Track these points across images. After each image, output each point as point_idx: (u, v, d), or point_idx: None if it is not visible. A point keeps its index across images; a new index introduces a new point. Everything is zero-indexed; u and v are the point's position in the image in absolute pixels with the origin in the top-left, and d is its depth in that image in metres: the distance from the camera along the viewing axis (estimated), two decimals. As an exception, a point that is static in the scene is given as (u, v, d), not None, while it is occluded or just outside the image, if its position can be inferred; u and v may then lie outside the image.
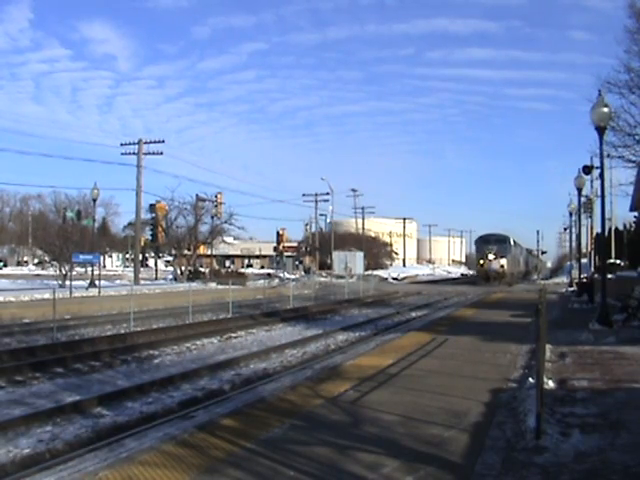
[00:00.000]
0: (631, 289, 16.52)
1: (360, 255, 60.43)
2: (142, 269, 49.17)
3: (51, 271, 38.99)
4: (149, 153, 39.12)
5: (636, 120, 20.10)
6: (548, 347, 9.97)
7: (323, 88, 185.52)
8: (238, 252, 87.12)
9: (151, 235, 52.98)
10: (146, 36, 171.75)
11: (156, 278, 53.01)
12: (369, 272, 60.07)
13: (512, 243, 53.24)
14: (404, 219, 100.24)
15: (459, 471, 4.74)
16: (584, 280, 29.06)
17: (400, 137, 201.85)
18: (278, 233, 73.61)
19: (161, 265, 68.65)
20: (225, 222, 51.08)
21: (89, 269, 36.51)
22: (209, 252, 58.38)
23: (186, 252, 48.28)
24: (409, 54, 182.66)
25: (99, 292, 28.91)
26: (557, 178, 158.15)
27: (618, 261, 29.41)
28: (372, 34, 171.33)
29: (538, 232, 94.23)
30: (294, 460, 4.93)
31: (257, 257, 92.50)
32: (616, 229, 35.69)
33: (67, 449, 6.89)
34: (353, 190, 77.78)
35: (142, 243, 52.27)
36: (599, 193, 17.83)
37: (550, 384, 7.69)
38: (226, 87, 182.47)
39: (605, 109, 14.85)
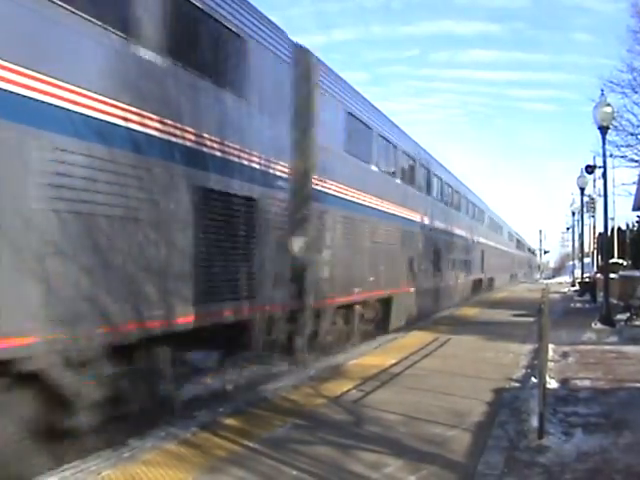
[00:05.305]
0: (633, 289, 16.49)
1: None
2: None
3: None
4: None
5: (639, 120, 20.07)
6: (551, 346, 9.95)
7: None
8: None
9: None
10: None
11: None
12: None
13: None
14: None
15: (461, 470, 4.74)
16: (586, 280, 28.99)
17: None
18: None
19: None
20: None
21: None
22: None
23: None
24: (414, 55, 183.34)
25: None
26: (560, 177, 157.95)
27: (621, 261, 29.26)
28: (377, 36, 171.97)
29: (541, 231, 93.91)
30: (297, 459, 4.94)
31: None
32: (619, 228, 35.53)
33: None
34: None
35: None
36: (602, 193, 17.80)
37: (553, 383, 7.68)
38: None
39: (608, 109, 14.84)
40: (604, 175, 16.10)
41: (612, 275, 18.58)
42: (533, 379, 7.60)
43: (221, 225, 7.12)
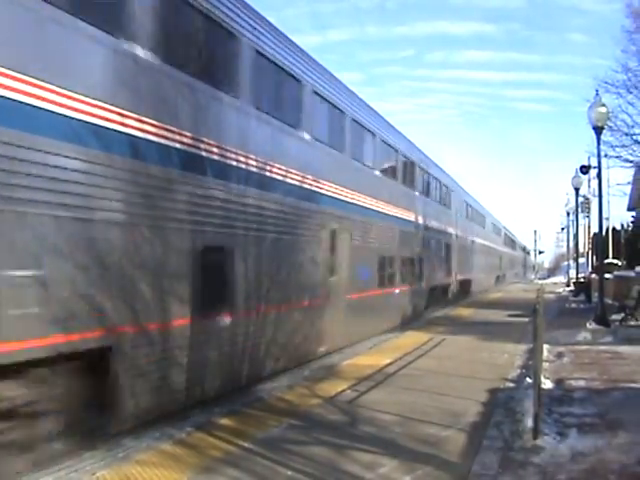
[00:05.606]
0: (628, 289, 16.54)
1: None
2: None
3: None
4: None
5: (633, 120, 20.10)
6: (546, 347, 9.98)
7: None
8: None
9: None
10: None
11: None
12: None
13: None
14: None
15: (456, 470, 4.74)
16: (581, 280, 29.07)
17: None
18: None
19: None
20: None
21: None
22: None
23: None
24: (409, 56, 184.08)
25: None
26: (555, 178, 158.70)
27: (615, 261, 29.34)
28: (372, 36, 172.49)
29: (535, 232, 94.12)
30: (292, 459, 4.93)
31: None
32: (613, 229, 35.65)
33: None
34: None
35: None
36: (596, 193, 17.86)
37: (548, 384, 7.70)
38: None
39: (602, 109, 14.87)
40: (599, 175, 16.15)
41: (607, 275, 18.62)
42: (528, 379, 7.60)
43: None
